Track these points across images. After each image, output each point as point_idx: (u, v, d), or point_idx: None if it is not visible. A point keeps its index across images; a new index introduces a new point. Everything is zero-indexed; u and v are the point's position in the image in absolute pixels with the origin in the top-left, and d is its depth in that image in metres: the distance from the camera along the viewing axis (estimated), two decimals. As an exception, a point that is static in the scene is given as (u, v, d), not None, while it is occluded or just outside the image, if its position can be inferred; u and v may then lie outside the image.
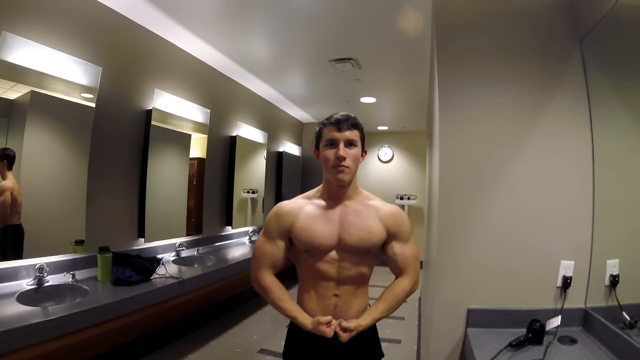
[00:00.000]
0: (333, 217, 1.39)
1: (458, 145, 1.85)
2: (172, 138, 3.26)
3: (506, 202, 1.80)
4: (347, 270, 1.38)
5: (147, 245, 2.96)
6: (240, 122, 4.37)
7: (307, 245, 1.38)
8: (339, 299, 1.38)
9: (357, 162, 1.38)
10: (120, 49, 2.73)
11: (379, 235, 1.38)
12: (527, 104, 1.81)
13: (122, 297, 2.06)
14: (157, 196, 3.05)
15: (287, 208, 1.44)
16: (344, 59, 3.53)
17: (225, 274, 3.07)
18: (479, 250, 1.81)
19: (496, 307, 1.76)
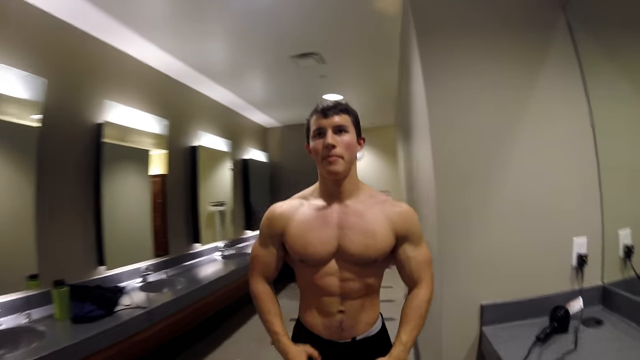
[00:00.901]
0: (330, 220, 1.25)
1: (450, 131, 1.75)
2: (129, 155, 3.04)
3: (508, 186, 1.71)
4: (351, 282, 1.24)
5: (109, 274, 2.74)
6: (201, 131, 4.18)
7: (300, 255, 1.25)
8: (345, 315, 1.26)
9: (352, 151, 1.23)
10: (67, 59, 2.52)
11: (385, 241, 1.23)
12: (519, 78, 1.73)
13: (82, 337, 1.85)
14: (116, 219, 2.83)
15: (279, 211, 1.32)
16: (307, 54, 3.43)
17: (198, 295, 2.89)
18: (485, 241, 1.71)
19: (511, 299, 1.66)
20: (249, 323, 4.31)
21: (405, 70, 2.66)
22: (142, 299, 2.54)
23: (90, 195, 2.66)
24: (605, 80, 1.66)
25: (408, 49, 2.31)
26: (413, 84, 2.26)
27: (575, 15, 1.69)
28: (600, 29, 1.63)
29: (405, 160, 4.12)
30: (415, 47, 1.85)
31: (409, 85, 2.57)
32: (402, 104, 3.79)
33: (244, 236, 5.28)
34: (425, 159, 1.92)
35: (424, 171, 2.05)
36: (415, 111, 2.35)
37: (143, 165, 3.21)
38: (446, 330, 1.74)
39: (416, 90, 2.13)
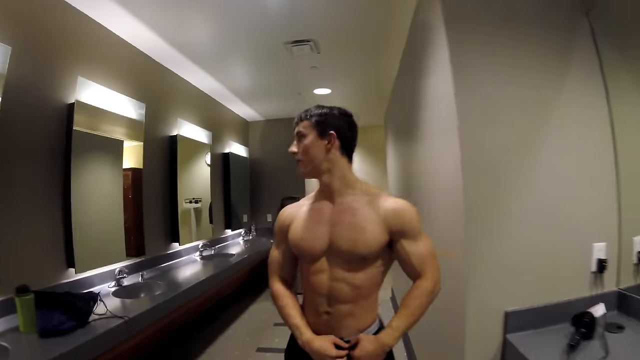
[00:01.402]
0: (324, 217, 1.31)
1: (480, 126, 1.63)
2: (102, 145, 2.71)
3: (533, 188, 1.64)
4: (340, 283, 1.26)
5: (80, 277, 2.42)
6: (181, 119, 3.87)
7: (296, 249, 1.35)
8: (331, 317, 1.28)
9: (308, 152, 1.30)
10: (35, 24, 2.19)
11: (375, 237, 1.23)
12: (545, 80, 1.67)
13: (52, 356, 1.56)
14: (88, 215, 2.52)
15: (287, 211, 1.44)
16: (302, 41, 3.20)
17: (179, 301, 2.61)
18: (508, 244, 1.62)
19: (535, 304, 1.59)
20: (230, 330, 4.06)
21: (416, 65, 2.49)
22: (117, 307, 2.24)
23: (59, 188, 2.34)
24: (626, 89, 1.66)
25: (425, 42, 2.15)
26: (430, 78, 2.10)
27: (598, 23, 1.67)
28: (623, 40, 1.64)
29: (398, 161, 3.96)
30: (443, 39, 1.71)
31: (419, 81, 2.41)
32: (400, 102, 3.61)
33: (224, 235, 4.98)
34: (448, 156, 1.77)
35: (443, 170, 1.88)
36: (427, 108, 2.21)
37: (116, 158, 2.88)
38: (470, 338, 1.62)
39: (435, 85, 1.98)
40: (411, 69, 2.75)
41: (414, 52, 2.63)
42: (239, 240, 5.31)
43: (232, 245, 4.94)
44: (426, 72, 2.18)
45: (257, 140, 6.32)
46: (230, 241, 5.14)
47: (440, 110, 1.87)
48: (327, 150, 1.30)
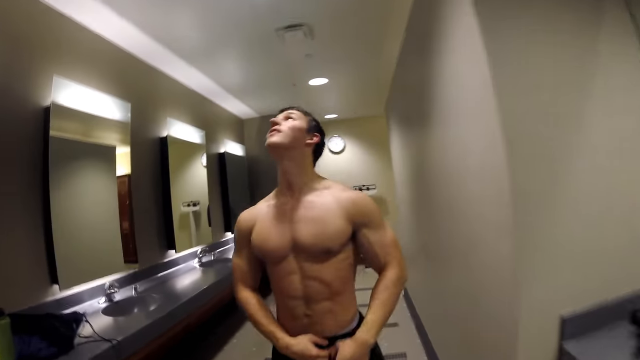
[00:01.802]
0: (285, 215, 1.30)
1: (519, 100, 1.38)
2: (86, 151, 2.53)
3: (588, 167, 1.40)
4: (312, 281, 1.24)
5: (65, 294, 2.24)
6: (170, 118, 3.67)
7: (261, 251, 1.31)
8: (311, 319, 1.25)
9: (295, 131, 1.30)
10: (7, 21, 2.02)
11: (336, 228, 1.24)
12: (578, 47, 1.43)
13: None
14: (73, 226, 2.34)
15: (246, 215, 1.40)
16: (295, 25, 3.00)
17: (176, 317, 2.42)
18: (564, 235, 1.37)
19: (592, 303, 1.36)
20: (227, 347, 3.88)
21: (425, 44, 2.29)
22: (106, 326, 2.06)
23: (39, 199, 2.15)
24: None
25: (437, 16, 1.96)
26: (446, 54, 1.89)
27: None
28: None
29: (406, 150, 3.76)
30: (467, 7, 1.48)
31: (430, 60, 2.21)
32: (404, 88, 3.41)
33: (224, 239, 4.80)
34: (481, 134, 1.53)
35: (476, 150, 1.63)
36: (444, 87, 2.00)
37: (107, 163, 2.71)
38: (523, 349, 1.36)
39: (456, 61, 1.77)
40: (417, 50, 2.56)
41: (419, 31, 2.42)
42: (240, 243, 5.11)
43: (233, 248, 4.74)
44: (440, 48, 1.97)
45: (253, 139, 6.12)
46: (230, 244, 4.95)
47: (468, 85, 1.62)
48: (306, 143, 1.33)
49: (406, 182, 3.94)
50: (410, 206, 3.70)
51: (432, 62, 2.16)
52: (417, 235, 3.32)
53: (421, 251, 3.13)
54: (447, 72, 1.91)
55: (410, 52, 2.97)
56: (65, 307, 2.21)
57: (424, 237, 3.04)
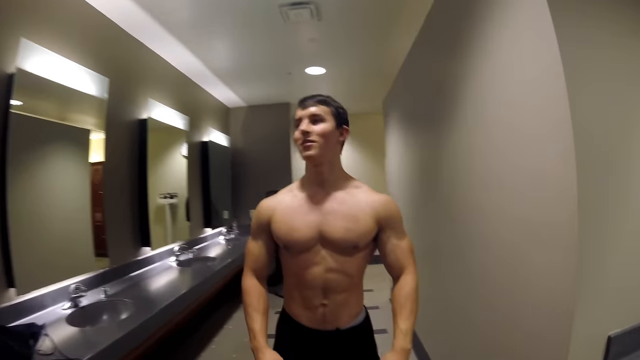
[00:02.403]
0: (314, 207, 1.33)
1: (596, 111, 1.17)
2: (57, 134, 2.19)
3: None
4: (334, 273, 1.30)
5: (23, 299, 1.90)
6: (152, 99, 3.32)
7: (285, 240, 1.33)
8: (327, 309, 1.32)
9: (328, 137, 1.31)
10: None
11: (366, 226, 1.31)
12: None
13: None
14: (36, 221, 2.01)
15: (267, 203, 1.42)
16: (301, 3, 2.71)
17: (153, 327, 2.11)
18: (624, 254, 1.21)
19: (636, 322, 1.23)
20: (215, 341, 3.57)
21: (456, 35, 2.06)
22: (71, 340, 1.73)
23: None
24: None
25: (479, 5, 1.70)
26: (488, 53, 1.67)
27: None
28: None
29: (409, 150, 3.53)
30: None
31: (460, 57, 2.00)
32: (416, 83, 3.17)
33: (203, 235, 4.46)
34: (538, 136, 1.31)
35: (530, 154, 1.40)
36: (478, 89, 1.78)
37: (79, 149, 2.36)
38: None
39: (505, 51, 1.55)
40: (439, 44, 2.34)
41: (445, 24, 2.20)
42: (220, 240, 4.80)
43: (213, 246, 4.43)
44: (479, 44, 1.74)
45: (238, 129, 5.78)
46: (210, 241, 4.63)
47: (526, 85, 1.39)
48: (337, 142, 1.36)
49: (404, 181, 3.71)
50: (409, 207, 3.47)
51: (463, 58, 1.93)
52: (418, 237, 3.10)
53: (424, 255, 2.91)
54: (488, 69, 1.67)
55: (427, 45, 2.74)
56: (22, 315, 1.87)
57: (428, 240, 2.82)
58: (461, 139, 2.05)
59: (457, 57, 2.04)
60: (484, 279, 1.81)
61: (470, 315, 1.99)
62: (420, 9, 2.68)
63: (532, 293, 1.37)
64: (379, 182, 6.82)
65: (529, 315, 1.39)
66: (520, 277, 1.46)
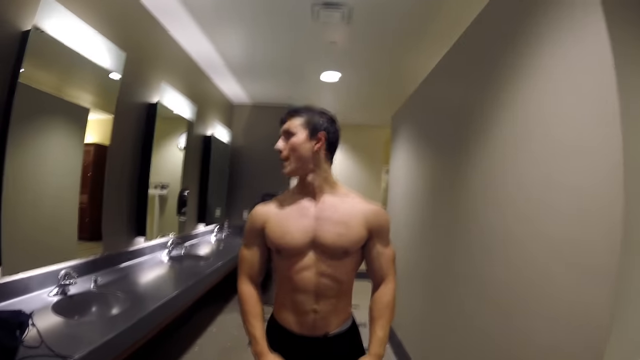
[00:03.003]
0: (307, 212, 1.37)
1: None
2: (58, 109, 1.99)
3: None
4: (326, 278, 1.34)
5: (8, 280, 1.70)
6: (165, 83, 3.15)
7: (279, 245, 1.35)
8: (318, 315, 1.35)
9: (298, 150, 1.34)
10: None
11: (357, 232, 1.35)
12: None
13: None
14: (29, 197, 1.83)
15: (261, 209, 1.44)
16: (336, 4, 2.60)
17: (146, 328, 1.92)
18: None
19: None
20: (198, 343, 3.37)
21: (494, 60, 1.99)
22: (57, 332, 1.54)
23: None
24: None
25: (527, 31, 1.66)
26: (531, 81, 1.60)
27: None
28: None
29: (417, 169, 3.42)
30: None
31: (497, 82, 1.94)
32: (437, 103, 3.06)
33: (195, 232, 4.26)
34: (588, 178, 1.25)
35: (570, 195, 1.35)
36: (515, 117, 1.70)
37: (77, 129, 2.16)
38: None
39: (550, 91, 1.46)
40: (472, 67, 2.26)
41: (483, 48, 2.12)
42: (211, 238, 4.60)
43: (204, 243, 4.24)
44: (520, 72, 1.67)
45: (240, 127, 5.62)
46: (201, 238, 4.43)
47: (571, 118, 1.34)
48: (314, 151, 1.36)
49: (412, 198, 3.59)
50: (415, 221, 3.36)
51: (498, 87, 1.86)
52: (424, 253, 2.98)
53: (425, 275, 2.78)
54: (528, 98, 1.63)
55: (454, 69, 2.66)
56: (6, 297, 1.68)
57: (436, 256, 2.70)
58: (491, 159, 1.96)
59: (492, 82, 1.98)
60: (504, 299, 1.74)
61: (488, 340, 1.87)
62: (452, 30, 2.61)
63: (563, 317, 1.31)
64: (373, 194, 6.72)
65: (558, 340, 1.30)
66: (549, 300, 1.40)
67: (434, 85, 3.22)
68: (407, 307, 3.20)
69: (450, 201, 2.51)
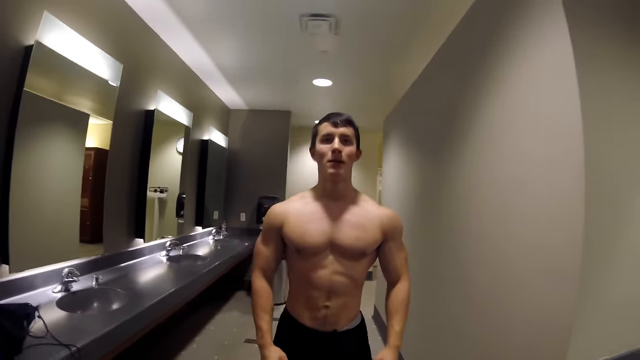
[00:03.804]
0: (327, 215, 1.43)
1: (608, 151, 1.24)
2: (60, 115, 2.12)
3: None
4: (339, 277, 1.40)
5: (15, 277, 1.82)
6: (161, 91, 3.27)
7: (298, 244, 1.41)
8: (329, 311, 1.41)
9: (352, 159, 1.44)
10: None
11: (374, 235, 1.43)
12: None
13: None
14: (35, 199, 1.95)
15: (279, 208, 1.50)
16: (322, 15, 2.73)
17: (142, 321, 2.02)
18: (618, 286, 1.23)
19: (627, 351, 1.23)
20: (196, 341, 3.48)
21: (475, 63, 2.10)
22: (61, 324, 1.66)
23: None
24: None
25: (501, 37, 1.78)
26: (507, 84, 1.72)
27: None
28: None
29: (408, 172, 3.54)
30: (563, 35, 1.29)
31: (475, 86, 2.06)
32: (425, 107, 3.19)
33: (193, 233, 4.38)
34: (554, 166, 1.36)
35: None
36: (492, 119, 1.83)
37: (78, 134, 2.28)
38: None
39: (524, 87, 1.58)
40: (455, 71, 2.37)
41: (465, 51, 2.23)
42: (209, 240, 4.72)
43: (202, 244, 4.35)
44: (495, 75, 1.78)
45: (237, 132, 5.74)
46: (199, 240, 4.55)
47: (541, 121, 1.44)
48: (353, 163, 1.48)
49: (402, 200, 3.71)
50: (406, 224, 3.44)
51: (478, 89, 1.97)
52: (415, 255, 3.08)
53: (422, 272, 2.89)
54: (501, 105, 1.74)
55: (439, 72, 2.78)
56: (13, 293, 1.80)
57: (425, 258, 2.81)
58: (470, 162, 2.07)
59: (471, 86, 2.08)
60: (482, 299, 1.82)
61: (467, 336, 1.98)
62: (436, 35, 2.73)
63: (530, 314, 1.39)
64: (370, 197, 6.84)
65: (526, 336, 1.40)
66: (519, 299, 1.49)
67: (421, 89, 3.34)
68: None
69: (437, 204, 2.62)
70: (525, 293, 1.46)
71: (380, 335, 3.94)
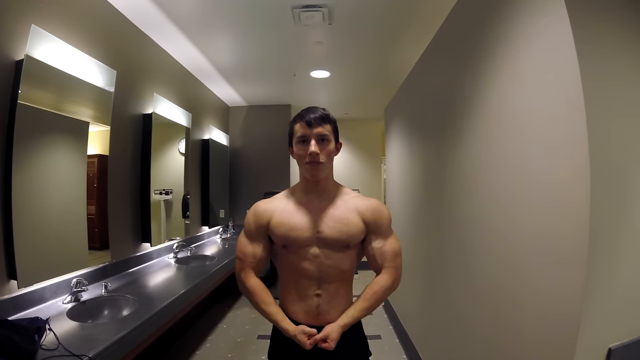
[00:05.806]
0: (311, 210, 1.45)
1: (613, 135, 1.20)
2: (58, 125, 2.12)
3: None
4: (327, 267, 1.42)
5: (24, 291, 1.85)
6: (157, 94, 3.27)
7: (284, 239, 1.43)
8: (321, 299, 1.43)
9: (331, 157, 1.45)
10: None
11: (357, 228, 1.44)
12: None
13: None
14: (38, 212, 1.96)
15: (264, 206, 1.51)
16: (315, 6, 2.70)
17: (156, 325, 2.06)
18: (627, 275, 1.22)
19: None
20: (209, 340, 3.52)
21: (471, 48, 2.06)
22: (73, 335, 1.69)
23: (-2, 175, 1.76)
24: None
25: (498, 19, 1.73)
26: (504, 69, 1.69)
27: None
28: None
29: (410, 160, 3.52)
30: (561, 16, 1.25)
31: (474, 71, 2.02)
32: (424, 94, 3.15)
33: (200, 233, 4.41)
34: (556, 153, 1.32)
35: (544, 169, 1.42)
36: (491, 105, 1.79)
37: (79, 142, 2.29)
38: None
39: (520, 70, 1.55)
40: (452, 57, 2.33)
41: (459, 38, 2.20)
42: (217, 239, 4.75)
43: (210, 244, 4.38)
44: (494, 59, 1.74)
45: (238, 129, 5.74)
46: (206, 239, 4.57)
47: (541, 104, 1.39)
48: (333, 157, 1.48)
49: (405, 189, 3.69)
50: (410, 214, 3.46)
51: (477, 72, 1.93)
52: (419, 245, 3.09)
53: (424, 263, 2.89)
54: (502, 92, 1.69)
55: (437, 57, 2.72)
56: (23, 308, 1.82)
57: (429, 248, 2.81)
58: (471, 149, 2.05)
59: (470, 70, 2.03)
60: (488, 289, 1.80)
61: (472, 326, 1.97)
62: (433, 20, 2.69)
63: (538, 304, 1.38)
64: (374, 186, 6.84)
65: (534, 326, 1.40)
66: (527, 289, 1.46)
67: (420, 75, 3.29)
68: (410, 298, 3.32)
69: (440, 192, 2.59)
70: (532, 282, 1.43)
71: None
